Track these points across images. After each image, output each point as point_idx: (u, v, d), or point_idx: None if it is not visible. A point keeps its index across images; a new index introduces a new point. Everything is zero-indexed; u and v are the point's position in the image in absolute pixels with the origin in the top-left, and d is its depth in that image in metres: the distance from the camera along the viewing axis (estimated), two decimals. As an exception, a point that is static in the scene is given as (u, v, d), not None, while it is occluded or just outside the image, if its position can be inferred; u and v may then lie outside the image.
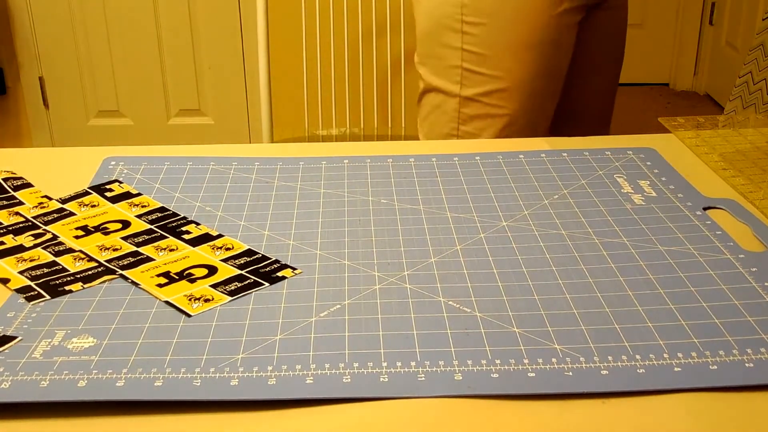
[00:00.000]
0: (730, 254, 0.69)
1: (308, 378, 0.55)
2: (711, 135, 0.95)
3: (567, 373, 0.55)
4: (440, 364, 0.56)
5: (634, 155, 0.89)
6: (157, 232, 0.74)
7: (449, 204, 0.79)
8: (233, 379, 0.54)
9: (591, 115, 1.25)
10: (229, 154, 0.90)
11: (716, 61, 3.23)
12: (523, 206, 0.78)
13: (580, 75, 1.18)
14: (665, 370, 0.55)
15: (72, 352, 0.57)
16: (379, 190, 0.81)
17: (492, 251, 0.70)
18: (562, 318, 0.61)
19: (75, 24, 2.74)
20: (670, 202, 0.78)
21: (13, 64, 2.78)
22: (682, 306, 0.62)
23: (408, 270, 0.67)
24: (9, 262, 0.69)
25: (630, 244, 0.71)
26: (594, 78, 1.22)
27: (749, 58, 0.97)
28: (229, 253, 0.70)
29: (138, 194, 0.81)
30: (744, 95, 0.98)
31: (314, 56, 1.91)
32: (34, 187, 0.83)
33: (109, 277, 0.67)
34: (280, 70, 2.17)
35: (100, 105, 2.85)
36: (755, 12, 2.87)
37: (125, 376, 0.55)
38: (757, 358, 0.56)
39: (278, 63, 2.05)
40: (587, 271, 0.67)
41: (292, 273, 0.67)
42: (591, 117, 1.26)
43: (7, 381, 0.54)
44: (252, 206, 0.78)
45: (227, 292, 0.64)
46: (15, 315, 0.62)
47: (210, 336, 0.59)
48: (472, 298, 0.63)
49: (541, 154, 0.89)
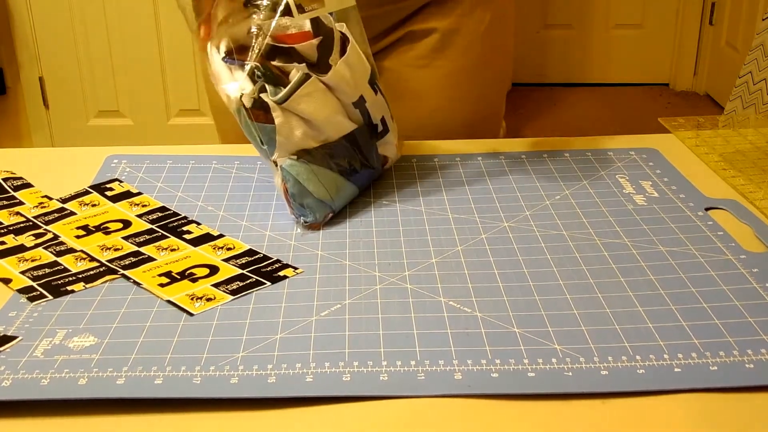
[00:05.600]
0: (732, 255, 0.69)
1: (308, 376, 0.55)
2: (711, 135, 0.95)
3: (567, 373, 0.55)
4: (440, 363, 0.56)
5: (637, 155, 0.89)
6: (158, 232, 0.74)
7: (450, 204, 0.79)
8: (233, 378, 0.54)
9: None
10: (232, 153, 0.90)
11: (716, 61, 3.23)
12: (524, 206, 0.78)
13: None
14: (665, 370, 0.55)
15: (73, 350, 0.57)
16: (380, 190, 0.82)
17: (493, 252, 0.70)
18: (563, 318, 0.61)
19: (75, 24, 2.74)
20: (672, 203, 0.78)
21: (13, 64, 2.78)
22: (682, 306, 0.62)
23: (409, 270, 0.67)
24: (10, 262, 0.69)
25: (631, 244, 0.71)
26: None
27: (749, 58, 0.97)
28: (231, 253, 0.70)
29: (138, 193, 0.81)
30: (744, 95, 0.98)
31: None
32: (34, 187, 0.83)
33: (111, 277, 0.67)
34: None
35: (100, 105, 2.85)
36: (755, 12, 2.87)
37: (126, 375, 0.55)
38: (758, 359, 0.56)
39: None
40: (588, 272, 0.67)
41: (294, 272, 0.67)
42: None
43: (8, 379, 0.54)
44: (254, 206, 0.78)
45: (229, 291, 0.65)
46: (17, 314, 0.62)
47: (210, 335, 0.59)
48: (472, 298, 0.63)
49: (543, 155, 0.89)
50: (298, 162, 0.74)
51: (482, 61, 1.07)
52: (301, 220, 0.73)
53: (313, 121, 0.74)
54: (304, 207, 0.74)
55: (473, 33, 0.96)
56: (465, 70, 1.04)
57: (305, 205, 0.74)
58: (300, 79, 0.72)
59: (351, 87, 0.76)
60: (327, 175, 0.75)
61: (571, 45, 3.40)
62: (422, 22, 1.02)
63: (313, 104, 0.73)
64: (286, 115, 0.73)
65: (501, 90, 1.14)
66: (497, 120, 1.14)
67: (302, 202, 0.74)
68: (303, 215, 0.74)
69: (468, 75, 1.05)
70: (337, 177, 0.76)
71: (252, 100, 0.72)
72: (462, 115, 1.06)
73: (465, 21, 1.02)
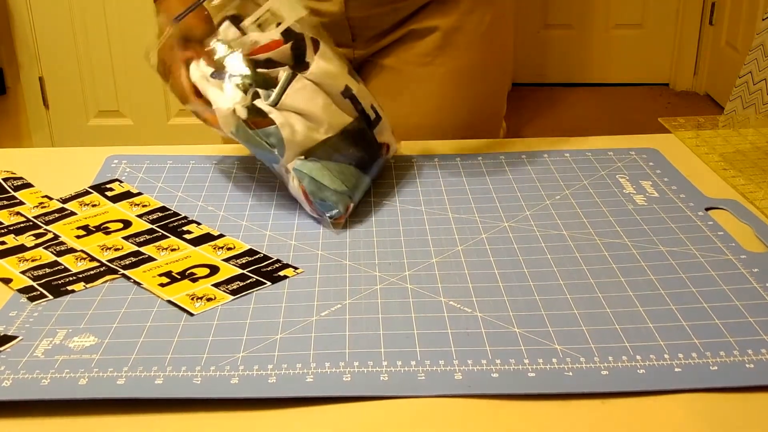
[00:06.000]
0: (732, 255, 0.69)
1: (308, 377, 0.55)
2: (711, 135, 0.95)
3: (567, 373, 0.55)
4: (440, 363, 0.56)
5: (637, 155, 0.89)
6: (158, 232, 0.74)
7: (450, 204, 0.79)
8: (234, 378, 0.54)
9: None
10: (232, 153, 0.90)
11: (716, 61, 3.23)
12: (524, 206, 0.78)
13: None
14: (665, 370, 0.55)
15: (73, 350, 0.57)
16: (380, 190, 0.82)
17: (493, 252, 0.70)
18: (563, 318, 0.61)
19: (75, 24, 2.74)
20: (673, 203, 0.78)
21: (13, 64, 2.78)
22: (683, 306, 0.62)
23: (409, 270, 0.67)
24: (11, 262, 0.69)
25: (632, 244, 0.71)
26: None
27: (749, 58, 0.97)
28: (231, 253, 0.70)
29: (138, 194, 0.81)
30: (744, 95, 0.98)
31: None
32: (34, 187, 0.83)
33: (111, 277, 0.67)
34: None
35: (100, 105, 2.85)
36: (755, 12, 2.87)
37: (126, 375, 0.55)
38: (758, 359, 0.56)
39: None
40: (588, 272, 0.67)
41: (294, 272, 0.67)
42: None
43: (8, 379, 0.54)
44: (254, 206, 0.78)
45: (229, 291, 0.65)
46: (17, 314, 0.62)
47: (211, 335, 0.59)
48: (472, 298, 0.63)
49: (543, 155, 0.89)
50: (308, 161, 0.75)
51: (483, 60, 1.07)
52: (326, 216, 0.74)
53: (310, 114, 0.75)
54: (325, 202, 0.74)
55: (474, 32, 0.97)
56: (466, 69, 1.04)
57: (326, 200, 0.74)
58: (287, 77, 0.75)
59: (334, 78, 0.78)
60: (339, 168, 0.76)
61: (571, 45, 3.40)
62: (423, 20, 1.02)
63: (306, 98, 0.75)
64: (283, 114, 0.74)
65: (502, 89, 1.14)
66: (498, 120, 1.14)
67: (322, 197, 0.74)
68: (326, 210, 0.74)
69: (469, 74, 1.05)
70: (349, 168, 0.77)
71: (246, 110, 0.73)
72: (463, 114, 1.06)
73: (466, 20, 1.02)
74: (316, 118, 0.76)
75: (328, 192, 0.74)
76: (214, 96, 0.75)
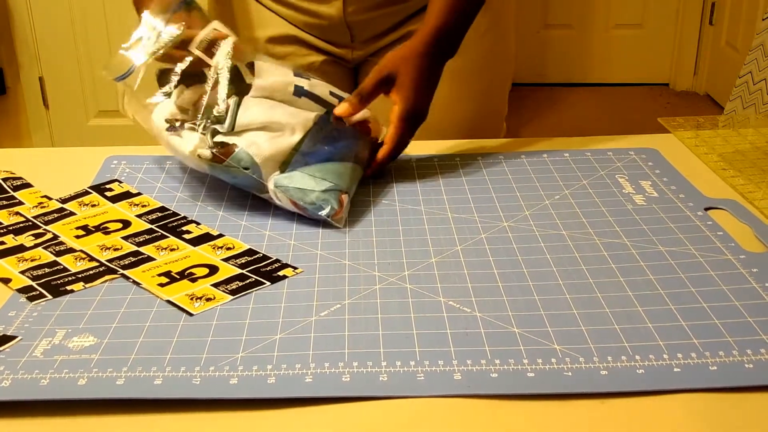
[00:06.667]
0: (731, 255, 0.69)
1: (308, 377, 0.55)
2: (711, 135, 0.95)
3: (566, 373, 0.55)
4: (440, 363, 0.56)
5: (636, 156, 0.89)
6: (157, 232, 0.74)
7: (450, 204, 0.79)
8: (233, 378, 0.54)
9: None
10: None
11: (716, 61, 3.23)
12: (524, 206, 0.78)
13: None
14: (665, 370, 0.55)
15: (72, 350, 0.57)
16: (380, 190, 0.82)
17: (492, 251, 0.70)
18: (562, 318, 0.61)
19: (75, 24, 2.74)
20: (672, 203, 0.78)
21: (13, 64, 2.78)
22: (682, 306, 0.62)
23: (408, 270, 0.67)
24: (10, 262, 0.69)
25: (631, 244, 0.71)
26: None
27: (749, 58, 0.97)
28: (230, 253, 0.70)
29: (138, 194, 0.81)
30: (744, 95, 0.98)
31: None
32: (33, 187, 0.83)
33: (111, 277, 0.67)
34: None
35: (100, 105, 2.85)
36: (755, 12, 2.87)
37: (125, 375, 0.55)
38: (757, 359, 0.56)
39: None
40: (588, 272, 0.67)
41: (293, 272, 0.67)
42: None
43: (7, 379, 0.54)
44: (253, 206, 0.78)
45: (228, 291, 0.65)
46: (16, 314, 0.62)
47: (210, 335, 0.59)
48: (472, 298, 0.63)
49: (543, 155, 0.89)
50: (284, 175, 0.76)
51: (483, 61, 1.07)
52: (322, 215, 0.74)
53: (271, 123, 0.77)
54: (315, 203, 0.74)
55: (474, 32, 0.97)
56: (466, 70, 1.04)
57: (315, 201, 0.74)
58: (235, 103, 0.76)
59: (281, 86, 0.79)
60: (317, 168, 0.77)
61: (571, 45, 3.40)
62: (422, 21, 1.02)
63: (260, 112, 0.77)
64: (243, 136, 0.76)
65: (502, 89, 1.14)
66: (499, 119, 1.14)
67: (311, 201, 0.74)
68: (319, 211, 0.74)
69: (469, 74, 1.05)
70: (326, 165, 0.77)
71: (209, 150, 0.75)
72: (463, 114, 1.06)
73: None
74: (278, 125, 0.77)
75: (314, 194, 0.74)
76: (176, 145, 0.77)
